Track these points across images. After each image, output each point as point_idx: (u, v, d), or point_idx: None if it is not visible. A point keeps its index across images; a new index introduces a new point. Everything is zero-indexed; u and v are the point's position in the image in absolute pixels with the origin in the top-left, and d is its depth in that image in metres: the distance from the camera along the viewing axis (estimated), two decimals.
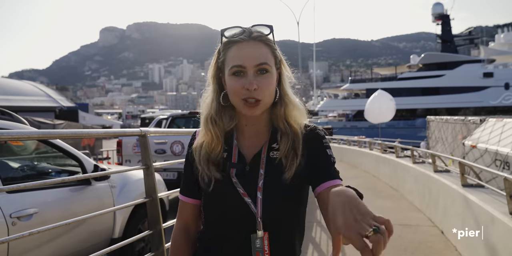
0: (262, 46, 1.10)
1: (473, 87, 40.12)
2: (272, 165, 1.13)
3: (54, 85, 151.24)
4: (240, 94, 1.08)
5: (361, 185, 9.50)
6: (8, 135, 1.63)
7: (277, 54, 1.15)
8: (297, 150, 1.13)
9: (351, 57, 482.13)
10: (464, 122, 9.66)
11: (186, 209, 1.25)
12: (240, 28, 1.12)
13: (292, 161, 1.11)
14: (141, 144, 2.42)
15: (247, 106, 1.08)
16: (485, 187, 4.47)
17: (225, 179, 1.12)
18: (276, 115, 1.16)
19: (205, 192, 1.16)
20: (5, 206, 2.53)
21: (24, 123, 3.29)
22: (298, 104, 1.18)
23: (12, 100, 18.79)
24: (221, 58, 1.14)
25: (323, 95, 78.95)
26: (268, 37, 1.13)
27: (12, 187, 1.82)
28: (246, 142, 1.18)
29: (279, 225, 1.12)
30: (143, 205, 3.44)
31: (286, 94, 1.17)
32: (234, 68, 1.08)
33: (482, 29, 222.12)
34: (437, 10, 51.13)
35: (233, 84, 1.08)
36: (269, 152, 1.15)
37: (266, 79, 1.08)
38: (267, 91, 1.09)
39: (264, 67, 1.08)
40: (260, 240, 1.09)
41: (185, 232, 1.24)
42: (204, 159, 1.15)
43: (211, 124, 1.16)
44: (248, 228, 1.10)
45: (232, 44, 1.10)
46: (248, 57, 1.07)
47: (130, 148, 6.59)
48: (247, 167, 1.13)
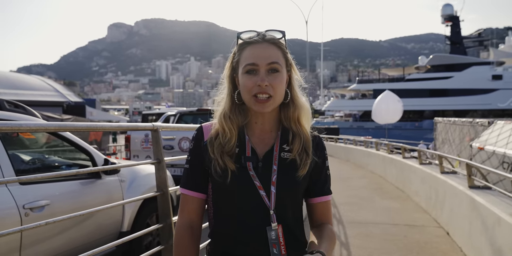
0: (274, 48, 1.18)
1: (481, 90, 39.82)
2: (283, 163, 1.19)
3: (61, 80, 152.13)
4: (252, 91, 1.14)
5: (367, 185, 9.51)
6: (26, 127, 1.67)
7: (288, 58, 1.22)
8: (308, 151, 1.21)
9: (358, 57, 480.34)
10: (472, 124, 9.62)
11: (191, 203, 1.25)
12: (255, 32, 1.21)
13: (306, 160, 1.19)
14: (153, 139, 2.46)
15: (258, 102, 1.14)
16: (492, 189, 4.46)
17: (242, 171, 1.17)
18: (288, 116, 1.23)
19: (218, 185, 1.19)
20: (19, 197, 2.58)
21: (36, 116, 3.34)
22: (308, 108, 1.26)
23: (21, 94, 18.95)
24: (235, 59, 1.21)
25: (330, 95, 78.84)
26: (280, 40, 1.21)
27: (28, 177, 1.86)
28: (255, 139, 1.23)
29: (288, 218, 1.19)
30: (152, 200, 3.49)
31: (297, 96, 1.25)
32: (248, 66, 1.15)
33: (492, 31, 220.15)
34: (447, 12, 50.76)
35: (246, 81, 1.15)
36: (280, 152, 1.20)
37: (277, 78, 1.16)
38: (278, 88, 1.15)
39: (275, 67, 1.16)
40: (275, 232, 1.15)
41: (189, 228, 1.24)
42: (218, 149, 1.19)
43: (225, 119, 1.21)
44: (262, 221, 1.15)
45: (246, 45, 1.19)
46: (261, 56, 1.15)
47: (139, 143, 6.65)
48: (260, 163, 1.18)
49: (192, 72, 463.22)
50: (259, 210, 1.15)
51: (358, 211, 6.56)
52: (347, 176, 10.88)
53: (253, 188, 1.15)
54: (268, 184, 1.16)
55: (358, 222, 5.80)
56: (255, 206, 1.15)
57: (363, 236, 5.04)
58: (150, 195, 2.51)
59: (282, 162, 1.19)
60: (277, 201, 1.15)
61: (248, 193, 1.16)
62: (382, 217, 6.15)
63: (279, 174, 1.17)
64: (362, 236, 5.02)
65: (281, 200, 1.16)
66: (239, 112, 1.22)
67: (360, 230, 5.32)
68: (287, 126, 1.23)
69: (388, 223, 5.75)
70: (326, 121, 48.99)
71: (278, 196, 1.15)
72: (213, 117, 1.27)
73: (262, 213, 1.15)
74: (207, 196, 1.27)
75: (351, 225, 5.59)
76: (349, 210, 6.53)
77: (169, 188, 2.57)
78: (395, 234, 5.11)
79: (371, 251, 4.48)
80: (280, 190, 1.16)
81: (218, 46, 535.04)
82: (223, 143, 1.19)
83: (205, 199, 1.27)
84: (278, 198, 1.15)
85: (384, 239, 4.92)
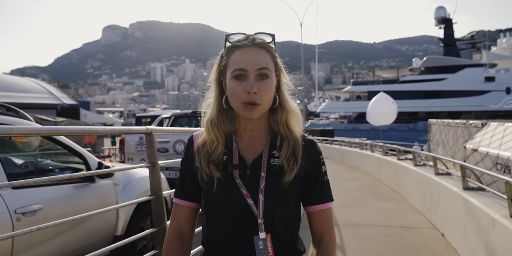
0: (263, 53, 1.14)
1: (474, 91, 40.15)
2: (272, 170, 1.15)
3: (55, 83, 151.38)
4: (241, 98, 1.11)
5: (362, 187, 9.52)
6: (18, 131, 1.65)
7: (278, 62, 1.19)
8: (297, 156, 1.17)
9: (353, 59, 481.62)
10: (466, 125, 9.67)
11: (181, 212, 1.24)
12: (244, 34, 1.16)
13: (293, 166, 1.15)
14: (148, 142, 2.44)
15: (247, 108, 1.11)
16: (486, 190, 4.48)
17: (228, 180, 1.14)
18: (276, 121, 1.20)
19: (207, 193, 1.17)
20: (10, 201, 2.54)
21: (29, 119, 3.30)
22: (298, 112, 1.22)
23: (14, 97, 18.85)
24: (223, 62, 1.17)
25: (325, 97, 79.03)
26: (270, 45, 1.17)
27: (20, 182, 1.84)
28: (244, 146, 1.20)
29: (278, 226, 1.15)
30: (146, 203, 3.46)
31: (286, 101, 1.21)
32: (236, 72, 1.11)
33: (484, 33, 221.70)
34: (440, 14, 51.19)
35: (234, 87, 1.12)
36: (269, 158, 1.17)
37: (266, 84, 1.12)
38: (266, 95, 1.12)
39: (265, 72, 1.12)
40: (263, 242, 1.12)
41: (179, 237, 1.23)
42: (205, 158, 1.17)
43: (211, 126, 1.18)
44: (251, 229, 1.13)
45: (235, 49, 1.15)
46: (250, 61, 1.11)
47: (133, 146, 6.61)
48: (248, 170, 1.16)
49: (187, 74, 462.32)
50: (247, 219, 1.13)
51: (353, 212, 6.56)
52: (342, 178, 10.89)
53: (240, 196, 1.13)
54: (256, 192, 1.13)
55: (353, 224, 5.80)
56: (243, 215, 1.13)
57: (359, 238, 5.04)
58: (144, 199, 2.49)
59: (270, 169, 1.15)
60: (266, 209, 1.12)
61: (235, 202, 1.13)
62: (377, 218, 6.16)
63: (267, 182, 1.13)
64: (357, 238, 5.02)
65: (270, 208, 1.13)
66: (227, 118, 1.19)
67: (356, 232, 5.32)
68: (276, 131, 1.20)
69: (383, 224, 5.76)
70: (321, 123, 49.17)
71: (266, 204, 1.12)
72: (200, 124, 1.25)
73: (250, 222, 1.13)
74: (200, 205, 1.26)
75: (346, 227, 5.59)
76: (344, 212, 6.53)
77: (164, 191, 2.56)
78: (390, 236, 5.12)
79: (366, 253, 4.48)
80: (268, 197, 1.12)
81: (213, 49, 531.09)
82: (210, 151, 1.17)
83: (197, 208, 1.26)
84: (266, 206, 1.12)
85: (380, 240, 4.93)
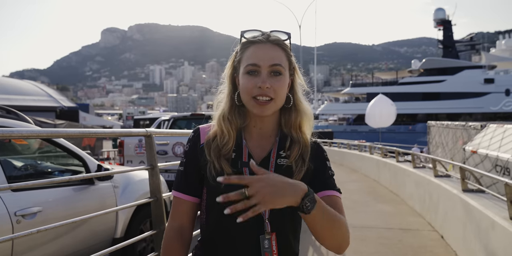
0: (278, 49, 1.14)
1: (473, 93, 40.16)
2: (279, 170, 1.14)
3: (55, 85, 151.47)
4: (252, 92, 1.10)
5: (361, 189, 9.52)
6: (18, 133, 1.65)
7: (292, 61, 1.18)
8: (305, 158, 1.17)
9: (352, 61, 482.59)
10: (465, 127, 9.69)
11: (183, 207, 1.22)
12: (260, 31, 1.16)
13: (301, 168, 1.15)
14: (147, 145, 2.44)
15: (258, 104, 1.10)
16: (485, 192, 4.48)
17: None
18: (289, 122, 1.19)
19: (213, 189, 1.15)
20: (10, 204, 2.54)
21: (29, 122, 3.30)
22: (311, 115, 1.21)
23: (13, 99, 18.83)
24: (237, 58, 1.17)
25: (324, 99, 79.05)
26: (285, 42, 1.16)
27: (20, 185, 1.84)
28: (253, 143, 1.20)
29: (284, 226, 1.15)
30: (145, 206, 3.46)
31: (300, 101, 1.20)
32: (249, 67, 1.11)
33: (483, 35, 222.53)
34: (439, 16, 51.29)
35: (246, 82, 1.11)
36: (276, 158, 1.17)
37: (279, 80, 1.11)
38: (279, 91, 1.11)
39: (278, 69, 1.11)
40: (268, 241, 1.12)
41: (179, 233, 1.20)
42: (215, 152, 1.16)
43: (223, 121, 1.18)
44: (256, 228, 1.13)
45: (250, 45, 1.14)
46: (263, 57, 1.11)
47: (132, 148, 6.61)
48: None
49: (186, 77, 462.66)
50: (253, 218, 1.10)
51: (352, 215, 6.55)
52: (341, 180, 10.88)
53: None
54: None
55: (352, 226, 5.80)
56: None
57: (358, 240, 5.04)
58: (144, 201, 2.49)
59: (278, 169, 1.15)
60: (272, 209, 1.10)
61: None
62: (377, 221, 6.16)
63: None
64: (357, 240, 5.01)
65: (277, 208, 1.13)
66: (238, 114, 1.18)
67: (355, 234, 5.31)
68: (286, 132, 1.19)
69: (382, 227, 5.76)
70: (320, 125, 49.10)
71: None
72: (211, 119, 1.24)
73: (256, 221, 1.12)
74: (200, 201, 1.24)
75: None
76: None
77: (163, 193, 2.56)
78: (390, 238, 5.12)
79: (366, 255, 4.48)
80: None
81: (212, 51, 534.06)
82: (220, 146, 1.16)
83: (198, 204, 1.24)
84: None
85: (379, 243, 4.92)
